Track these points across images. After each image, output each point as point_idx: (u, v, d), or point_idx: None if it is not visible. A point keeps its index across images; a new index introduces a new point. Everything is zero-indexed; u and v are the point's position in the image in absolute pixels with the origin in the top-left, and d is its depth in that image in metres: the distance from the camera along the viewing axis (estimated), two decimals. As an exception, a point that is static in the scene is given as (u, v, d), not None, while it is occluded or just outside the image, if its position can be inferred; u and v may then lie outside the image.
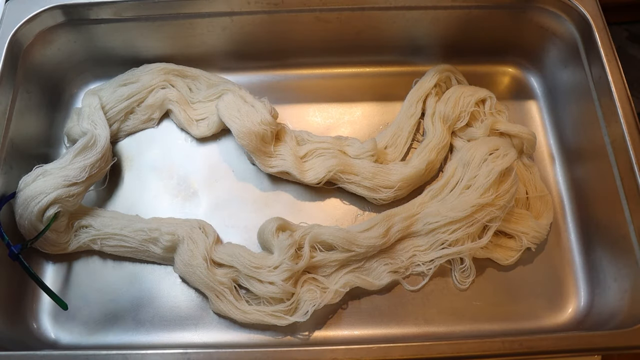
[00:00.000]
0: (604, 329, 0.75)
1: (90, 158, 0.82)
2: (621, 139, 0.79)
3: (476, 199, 0.81)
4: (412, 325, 0.81)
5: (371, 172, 0.86)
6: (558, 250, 0.87)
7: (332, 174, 0.86)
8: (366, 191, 0.87)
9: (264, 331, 0.79)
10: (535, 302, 0.82)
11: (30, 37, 0.87)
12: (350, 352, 0.68)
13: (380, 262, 0.82)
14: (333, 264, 0.81)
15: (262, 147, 0.87)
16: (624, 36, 1.09)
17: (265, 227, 0.81)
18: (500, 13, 0.93)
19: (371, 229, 0.82)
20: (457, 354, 0.69)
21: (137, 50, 0.96)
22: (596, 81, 0.85)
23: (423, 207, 0.85)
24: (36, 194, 0.77)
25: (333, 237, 0.80)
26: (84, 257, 0.85)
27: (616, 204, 0.79)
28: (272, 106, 0.90)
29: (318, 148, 0.89)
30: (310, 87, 0.99)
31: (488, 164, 0.83)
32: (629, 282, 0.76)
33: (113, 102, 0.91)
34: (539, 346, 0.69)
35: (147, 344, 0.79)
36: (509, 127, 0.91)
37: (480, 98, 0.93)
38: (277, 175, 0.89)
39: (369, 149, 0.88)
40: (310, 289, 0.78)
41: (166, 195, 0.90)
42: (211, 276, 0.78)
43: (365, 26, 0.94)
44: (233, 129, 0.87)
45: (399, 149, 0.92)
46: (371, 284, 0.80)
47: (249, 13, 0.91)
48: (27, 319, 0.80)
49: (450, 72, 0.97)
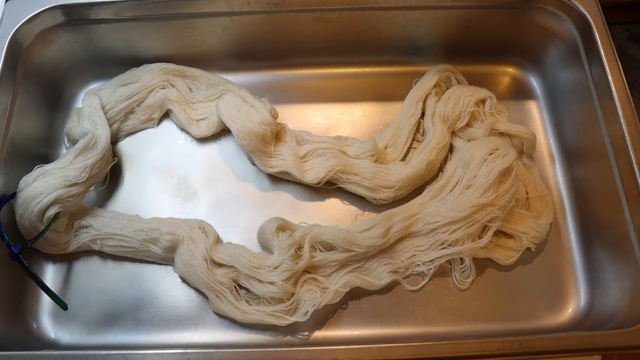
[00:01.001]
0: (604, 329, 0.74)
1: (91, 158, 0.82)
2: (621, 139, 0.79)
3: (476, 199, 0.81)
4: (412, 325, 0.81)
5: (371, 172, 0.86)
6: (558, 250, 0.87)
7: (332, 174, 0.86)
8: (366, 191, 0.87)
9: (264, 331, 0.79)
10: (535, 302, 0.82)
11: (30, 37, 0.87)
12: (350, 352, 0.68)
13: (380, 262, 0.82)
14: (333, 264, 0.81)
15: (262, 147, 0.87)
16: (624, 36, 1.09)
17: (265, 227, 0.81)
18: (500, 13, 0.93)
19: (371, 229, 0.82)
20: (457, 354, 0.69)
21: (137, 50, 0.96)
22: (596, 81, 0.85)
23: (423, 207, 0.85)
24: (36, 194, 0.77)
25: (333, 237, 0.80)
26: (84, 257, 0.85)
27: (616, 204, 0.79)
28: (272, 106, 0.90)
29: (318, 148, 0.89)
30: (310, 87, 0.99)
31: (488, 164, 0.83)
32: (629, 282, 0.76)
33: (113, 102, 0.91)
34: (538, 346, 0.69)
35: (147, 344, 0.79)
36: (509, 127, 0.91)
37: (480, 98, 0.93)
38: (277, 175, 0.89)
39: (368, 149, 0.88)
40: (310, 289, 0.78)
41: (166, 195, 0.90)
42: (211, 276, 0.78)
43: (365, 26, 0.94)
44: (233, 129, 0.87)
45: (399, 149, 0.92)
46: (371, 284, 0.80)
47: (249, 13, 0.91)
48: (27, 319, 0.80)
49: (450, 72, 0.97)
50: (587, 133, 0.87)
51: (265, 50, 0.98)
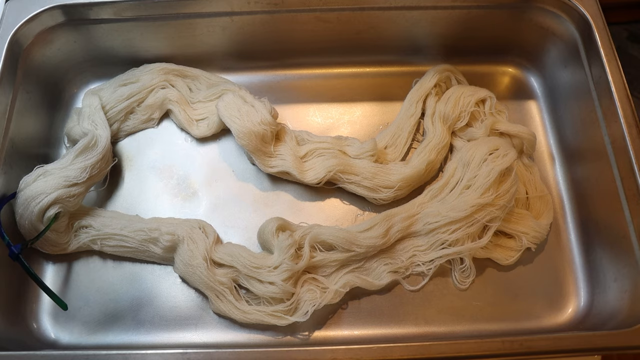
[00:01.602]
0: (604, 329, 0.75)
1: (91, 159, 0.82)
2: (621, 139, 0.79)
3: (476, 199, 0.81)
4: (412, 325, 0.81)
5: (371, 172, 0.86)
6: (558, 250, 0.87)
7: (332, 174, 0.86)
8: (366, 191, 0.87)
9: (264, 331, 0.79)
10: (535, 302, 0.82)
11: (30, 37, 0.87)
12: (350, 352, 0.68)
13: (380, 262, 0.82)
14: (333, 264, 0.81)
15: (262, 147, 0.87)
16: (624, 36, 1.09)
17: (265, 227, 0.81)
18: (500, 13, 0.93)
19: (371, 228, 0.82)
20: (457, 354, 0.69)
21: (137, 50, 0.96)
22: (596, 81, 0.85)
23: (423, 207, 0.85)
24: (37, 194, 0.77)
25: (333, 237, 0.80)
26: (84, 257, 0.85)
27: (616, 203, 0.79)
28: (272, 106, 0.90)
29: (318, 148, 0.89)
30: (310, 87, 0.99)
31: (488, 164, 0.83)
32: (629, 282, 0.76)
33: (113, 102, 0.91)
34: (539, 346, 0.69)
35: (147, 344, 0.79)
36: (509, 127, 0.91)
37: (480, 98, 0.93)
38: (277, 175, 0.89)
39: (368, 149, 0.88)
40: (310, 289, 0.78)
41: (166, 195, 0.90)
42: (211, 276, 0.78)
43: (365, 26, 0.94)
44: (233, 129, 0.87)
45: (399, 149, 0.92)
46: (371, 284, 0.80)
47: (249, 13, 0.91)
48: (27, 319, 0.80)
49: (450, 72, 0.97)
50: (587, 133, 0.87)
51: (265, 50, 0.98)
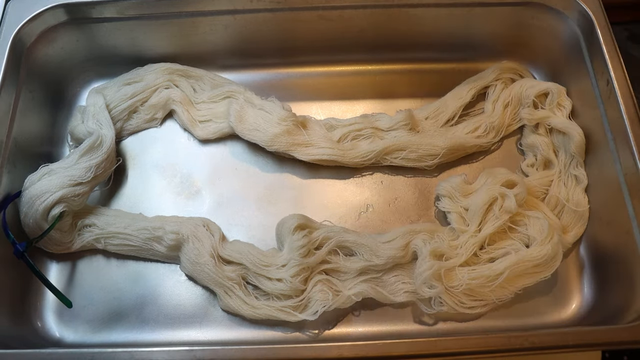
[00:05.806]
0: (607, 324, 0.74)
1: (96, 158, 0.82)
2: (624, 134, 0.79)
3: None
4: (417, 322, 0.81)
5: (415, 143, 0.88)
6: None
7: (377, 157, 0.88)
8: (411, 162, 0.89)
9: (269, 328, 0.79)
10: (539, 299, 0.82)
11: (33, 36, 0.87)
12: (356, 349, 0.68)
13: (399, 279, 0.81)
14: (352, 272, 0.80)
15: (292, 141, 0.87)
16: (625, 36, 1.09)
17: (285, 222, 0.81)
18: (501, 10, 0.94)
19: (393, 240, 0.81)
20: (462, 350, 0.69)
21: (139, 48, 0.96)
22: (598, 78, 0.85)
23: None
24: (41, 193, 0.77)
25: (356, 244, 0.80)
26: (88, 256, 0.85)
27: (619, 200, 0.79)
28: (281, 103, 0.90)
29: (352, 131, 0.90)
30: (312, 85, 0.99)
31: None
32: (633, 278, 0.76)
33: (117, 101, 0.91)
34: (543, 341, 0.69)
35: (152, 342, 0.79)
36: (558, 122, 0.89)
37: (542, 91, 0.92)
38: (316, 162, 0.89)
39: (401, 119, 0.89)
40: (322, 290, 0.77)
41: (169, 194, 0.90)
42: (220, 272, 0.78)
43: (368, 24, 0.94)
44: (260, 142, 0.87)
45: (439, 123, 0.92)
46: (386, 297, 0.79)
47: (251, 11, 0.91)
48: (31, 317, 0.80)
49: (514, 71, 0.97)
50: (589, 130, 0.87)
51: (267, 48, 0.98)
